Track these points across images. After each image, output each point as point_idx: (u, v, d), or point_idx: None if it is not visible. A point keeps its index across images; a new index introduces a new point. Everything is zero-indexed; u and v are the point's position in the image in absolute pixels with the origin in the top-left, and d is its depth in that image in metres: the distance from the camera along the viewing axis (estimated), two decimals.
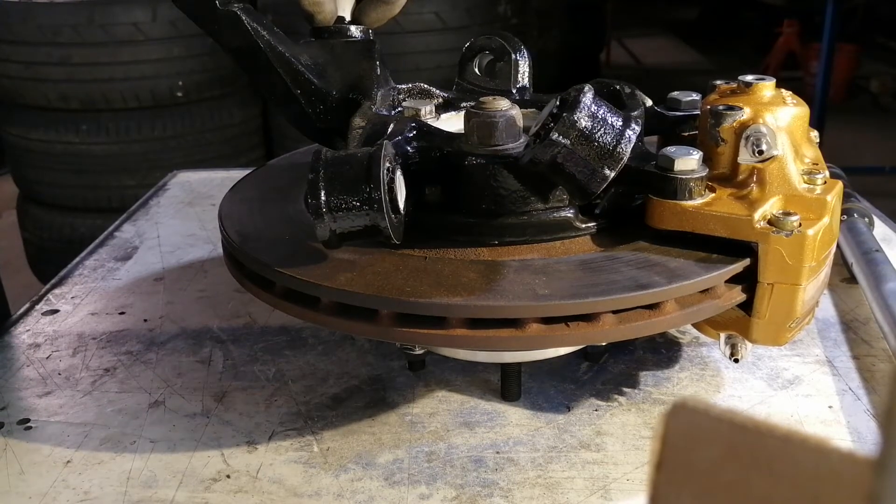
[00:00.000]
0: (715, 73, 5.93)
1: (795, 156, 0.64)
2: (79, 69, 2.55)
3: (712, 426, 0.23)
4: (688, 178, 0.62)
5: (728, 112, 0.64)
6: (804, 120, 0.67)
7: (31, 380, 0.79)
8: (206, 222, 1.15)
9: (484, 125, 0.64)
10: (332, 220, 0.57)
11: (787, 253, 0.60)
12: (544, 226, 0.65)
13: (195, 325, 0.88)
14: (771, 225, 0.61)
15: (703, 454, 0.23)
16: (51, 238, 2.79)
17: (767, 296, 0.62)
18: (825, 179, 0.64)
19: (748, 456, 0.23)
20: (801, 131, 0.66)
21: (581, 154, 0.59)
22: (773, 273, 0.61)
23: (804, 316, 0.65)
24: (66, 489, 0.64)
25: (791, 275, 0.61)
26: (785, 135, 0.64)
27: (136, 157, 2.65)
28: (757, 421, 0.23)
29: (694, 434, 0.23)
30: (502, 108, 0.65)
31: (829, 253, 0.65)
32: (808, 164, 0.65)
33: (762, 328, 0.64)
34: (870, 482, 0.20)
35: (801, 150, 0.65)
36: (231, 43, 0.71)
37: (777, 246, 0.60)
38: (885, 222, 1.07)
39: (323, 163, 0.57)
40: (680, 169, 0.62)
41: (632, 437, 0.69)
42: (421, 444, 0.69)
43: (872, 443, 0.68)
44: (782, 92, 0.68)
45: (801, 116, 0.66)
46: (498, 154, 0.64)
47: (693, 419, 0.23)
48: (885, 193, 2.75)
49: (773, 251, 0.60)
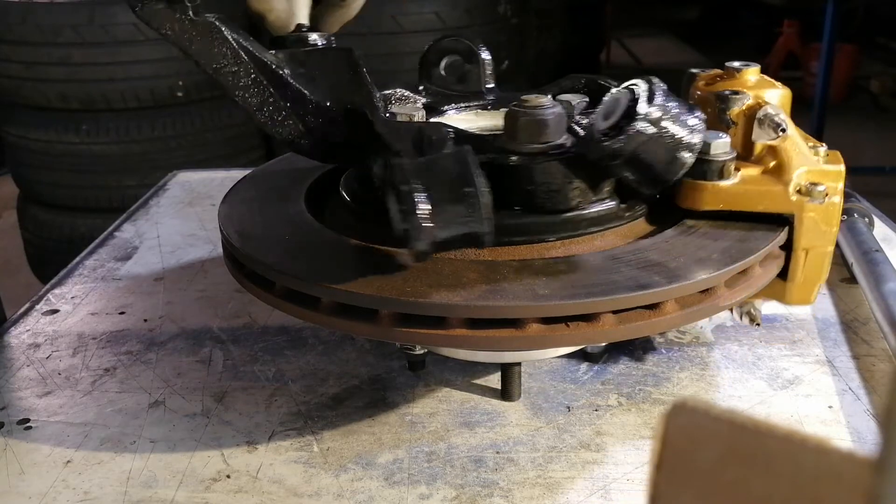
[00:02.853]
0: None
1: (798, 133, 0.69)
2: (79, 69, 2.55)
3: (712, 426, 0.23)
4: (722, 160, 0.67)
5: (735, 96, 0.69)
6: (789, 100, 0.72)
7: (31, 380, 0.79)
8: (206, 222, 1.15)
9: (534, 123, 0.65)
10: (434, 230, 0.54)
11: (820, 219, 0.67)
12: (596, 219, 0.67)
13: (195, 325, 0.88)
14: (802, 195, 0.66)
15: (703, 454, 0.23)
16: (51, 238, 2.79)
17: (802, 261, 0.69)
18: (827, 152, 0.70)
19: (748, 456, 0.23)
20: (787, 111, 0.70)
21: (663, 143, 0.62)
22: (808, 239, 0.67)
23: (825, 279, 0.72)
24: (66, 489, 0.64)
25: (823, 239, 0.68)
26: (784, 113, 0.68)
27: (136, 157, 2.65)
28: (757, 421, 0.23)
29: (694, 434, 0.23)
30: (548, 105, 0.66)
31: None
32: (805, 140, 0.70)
33: (796, 290, 0.71)
34: (870, 482, 0.20)
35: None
36: (209, 58, 0.65)
37: (812, 213, 0.66)
38: (885, 222, 1.07)
39: (410, 172, 0.54)
40: (716, 152, 0.67)
41: (632, 438, 0.69)
42: (421, 444, 0.69)
43: (872, 443, 0.68)
44: (764, 76, 0.73)
45: (787, 97, 0.72)
46: (551, 150, 0.65)
47: (693, 419, 0.23)
48: (885, 193, 2.75)
49: (809, 219, 0.67)
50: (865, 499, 0.20)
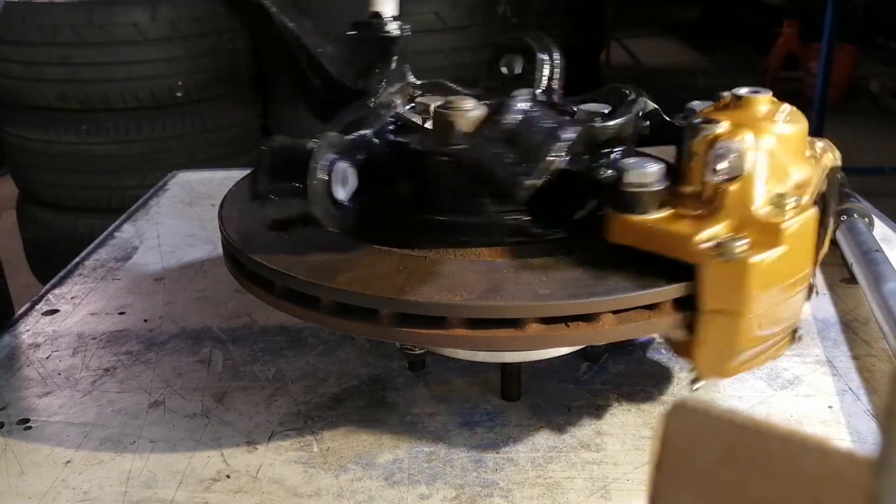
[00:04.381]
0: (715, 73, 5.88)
1: (773, 177, 0.60)
2: (78, 69, 2.55)
3: (712, 426, 0.23)
4: (638, 191, 0.60)
5: (703, 126, 0.61)
6: (796, 139, 0.63)
7: (30, 380, 0.79)
8: (206, 222, 1.15)
9: (442, 123, 0.65)
10: (271, 207, 0.59)
11: (727, 279, 0.56)
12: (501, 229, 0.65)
13: (195, 325, 0.88)
14: (711, 248, 0.56)
15: (703, 454, 0.23)
16: (51, 238, 2.78)
17: (708, 324, 0.58)
18: (798, 204, 0.58)
19: (748, 456, 0.23)
20: (790, 151, 0.62)
21: (506, 155, 0.60)
22: (713, 300, 0.57)
23: (761, 349, 0.60)
24: (66, 489, 0.64)
25: (734, 304, 0.56)
26: (764, 154, 0.60)
27: (136, 157, 2.64)
28: (757, 421, 0.23)
29: (694, 434, 0.23)
30: (466, 107, 0.65)
31: (795, 282, 0.59)
32: (789, 186, 0.60)
33: (704, 357, 0.60)
34: (870, 482, 0.20)
35: (784, 172, 0.61)
36: (261, 33, 0.75)
37: (716, 271, 0.56)
38: (884, 222, 1.07)
39: (267, 153, 0.59)
40: (630, 181, 0.60)
41: (632, 437, 0.69)
42: (421, 444, 0.69)
43: (872, 443, 0.68)
44: (780, 107, 0.64)
45: (792, 136, 0.62)
46: (447, 152, 0.64)
47: (693, 419, 0.23)
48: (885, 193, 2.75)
49: (712, 276, 0.56)
50: (865, 499, 0.20)
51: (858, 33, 5.51)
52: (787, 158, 0.61)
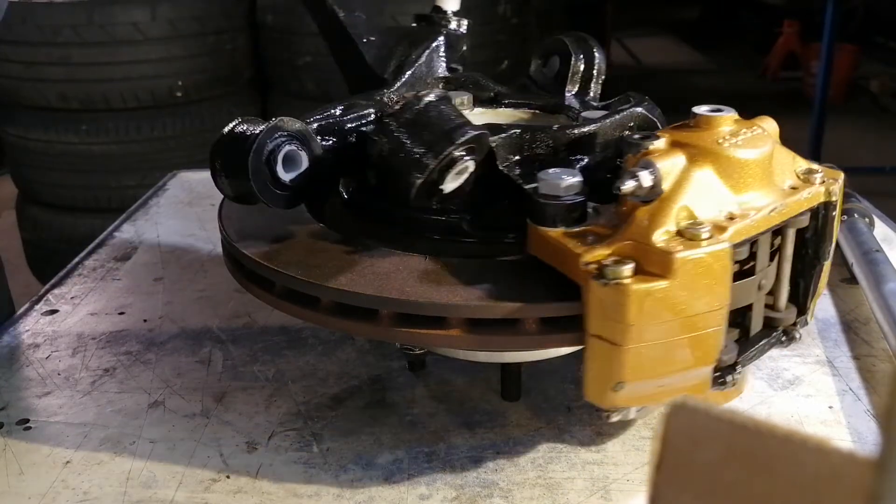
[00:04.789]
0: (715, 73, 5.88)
1: (700, 203, 0.55)
2: (78, 69, 2.55)
3: (712, 426, 0.23)
4: (546, 202, 0.58)
5: (637, 141, 0.58)
6: (754, 164, 0.57)
7: (30, 380, 0.79)
8: (205, 222, 1.15)
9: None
10: (223, 183, 0.62)
11: (607, 304, 0.53)
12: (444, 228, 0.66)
13: (195, 326, 0.88)
14: (598, 270, 0.53)
15: (703, 454, 0.23)
16: (50, 238, 2.79)
17: (591, 348, 0.55)
18: (710, 235, 0.53)
19: (748, 456, 0.22)
20: (740, 176, 0.57)
21: (397, 155, 0.60)
22: (594, 324, 0.54)
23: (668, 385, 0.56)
24: (66, 489, 0.64)
25: (611, 331, 0.53)
26: (693, 178, 0.55)
27: (136, 157, 2.65)
28: (757, 421, 0.23)
29: (694, 434, 0.23)
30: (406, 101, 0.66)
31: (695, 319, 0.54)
32: (719, 214, 0.55)
33: (588, 381, 0.56)
34: (870, 482, 0.20)
35: (719, 199, 0.56)
36: (314, 18, 0.80)
37: (597, 294, 0.53)
38: (885, 222, 1.07)
39: (223, 134, 0.62)
40: (541, 191, 0.59)
41: (632, 438, 0.69)
42: (421, 445, 0.69)
43: (873, 443, 0.68)
44: (744, 128, 0.59)
45: (748, 161, 0.57)
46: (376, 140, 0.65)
47: (693, 419, 0.23)
48: (885, 193, 2.75)
49: (593, 299, 0.53)
50: (865, 499, 0.20)
51: (859, 33, 5.51)
52: (735, 184, 0.57)
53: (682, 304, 0.53)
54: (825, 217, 0.63)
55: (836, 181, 0.63)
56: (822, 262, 0.65)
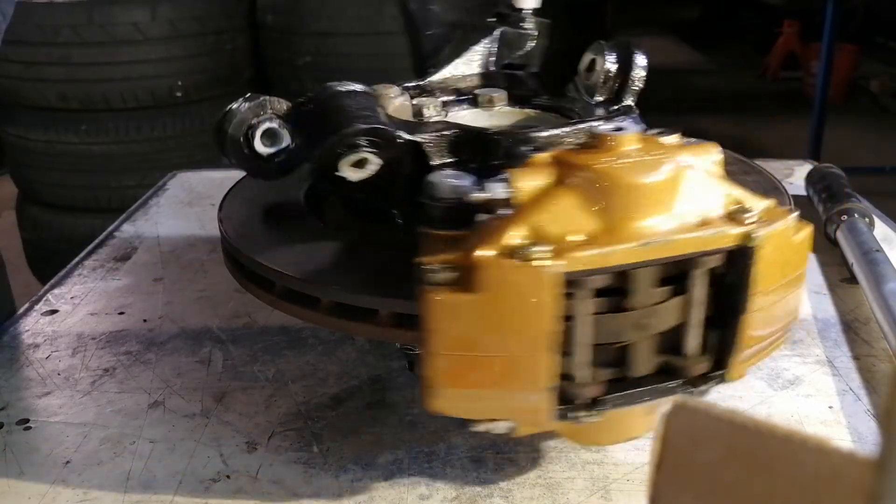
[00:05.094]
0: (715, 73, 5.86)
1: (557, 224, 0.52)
2: (78, 69, 2.55)
3: (712, 426, 0.23)
4: (424, 202, 0.59)
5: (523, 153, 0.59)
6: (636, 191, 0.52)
7: (30, 380, 0.79)
8: (205, 222, 1.15)
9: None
10: (224, 154, 0.65)
11: (421, 307, 0.52)
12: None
13: (195, 326, 0.88)
14: (422, 273, 0.52)
15: (703, 454, 0.23)
16: (50, 238, 2.79)
17: (420, 351, 0.56)
18: (543, 257, 0.50)
19: (748, 456, 0.22)
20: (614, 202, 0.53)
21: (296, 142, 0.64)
22: (422, 326, 0.53)
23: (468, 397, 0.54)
24: (66, 490, 0.64)
25: (424, 335, 0.52)
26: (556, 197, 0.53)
27: (136, 157, 2.65)
28: (757, 421, 0.23)
29: (694, 434, 0.23)
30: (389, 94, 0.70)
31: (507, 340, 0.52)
32: (576, 238, 0.52)
33: (422, 385, 0.54)
34: (870, 482, 0.20)
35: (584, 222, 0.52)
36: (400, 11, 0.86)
37: (422, 297, 0.52)
38: (885, 222, 1.07)
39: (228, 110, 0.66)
40: (426, 192, 0.59)
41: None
42: (421, 445, 0.69)
43: (873, 443, 0.68)
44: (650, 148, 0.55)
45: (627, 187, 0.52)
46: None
47: (693, 419, 0.23)
48: (885, 193, 2.75)
49: (420, 302, 0.52)
50: (865, 499, 0.20)
51: (859, 33, 5.51)
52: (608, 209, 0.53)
53: (492, 321, 0.51)
54: (743, 264, 0.53)
55: (768, 225, 0.53)
56: (740, 315, 0.55)
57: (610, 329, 0.54)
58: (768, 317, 0.56)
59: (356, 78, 0.75)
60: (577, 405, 0.54)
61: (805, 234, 0.57)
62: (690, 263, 0.53)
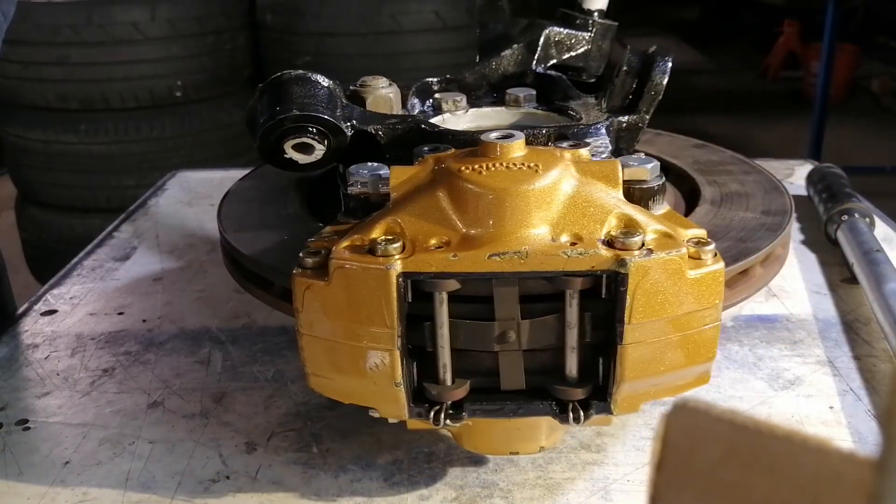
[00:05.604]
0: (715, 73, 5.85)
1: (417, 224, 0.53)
2: (77, 69, 2.55)
3: (713, 427, 0.23)
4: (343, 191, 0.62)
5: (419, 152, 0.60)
6: (495, 202, 0.52)
7: (29, 380, 0.79)
8: (205, 222, 1.15)
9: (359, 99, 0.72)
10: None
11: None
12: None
13: (194, 326, 0.88)
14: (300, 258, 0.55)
15: (703, 455, 0.23)
16: (49, 238, 2.78)
17: None
18: (389, 254, 0.51)
19: (749, 457, 0.22)
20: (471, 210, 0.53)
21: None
22: None
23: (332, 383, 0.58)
24: (65, 490, 0.64)
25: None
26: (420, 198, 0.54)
27: (136, 157, 2.64)
28: (758, 421, 0.23)
29: (694, 434, 0.23)
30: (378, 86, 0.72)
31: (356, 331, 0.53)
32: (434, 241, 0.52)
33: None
34: (871, 483, 0.20)
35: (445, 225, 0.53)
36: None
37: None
38: (885, 222, 1.06)
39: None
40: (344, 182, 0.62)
41: (632, 438, 0.69)
42: (421, 445, 0.69)
43: (873, 443, 0.68)
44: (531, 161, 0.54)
45: (485, 197, 0.52)
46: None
47: (693, 419, 0.23)
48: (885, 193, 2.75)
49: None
50: (866, 499, 0.20)
51: (859, 33, 5.51)
52: (467, 215, 0.53)
53: (341, 311, 0.53)
54: (616, 290, 0.51)
55: (649, 254, 0.51)
56: (617, 345, 0.52)
57: (469, 336, 0.54)
58: (654, 352, 0.53)
59: (356, 78, 0.75)
60: (435, 406, 0.55)
61: (708, 272, 0.52)
62: (562, 283, 0.52)
